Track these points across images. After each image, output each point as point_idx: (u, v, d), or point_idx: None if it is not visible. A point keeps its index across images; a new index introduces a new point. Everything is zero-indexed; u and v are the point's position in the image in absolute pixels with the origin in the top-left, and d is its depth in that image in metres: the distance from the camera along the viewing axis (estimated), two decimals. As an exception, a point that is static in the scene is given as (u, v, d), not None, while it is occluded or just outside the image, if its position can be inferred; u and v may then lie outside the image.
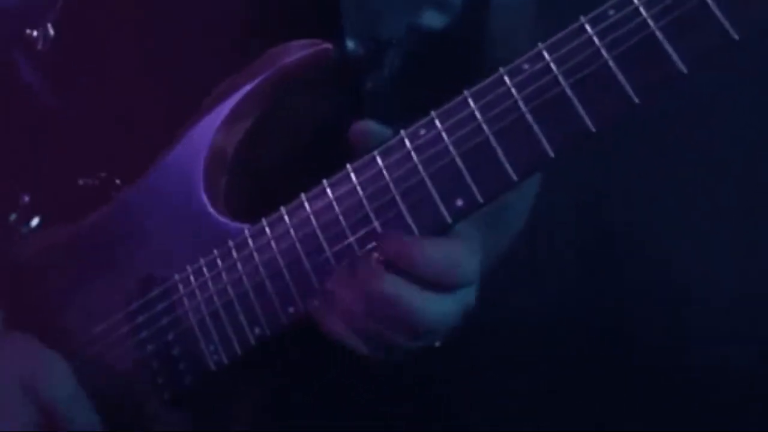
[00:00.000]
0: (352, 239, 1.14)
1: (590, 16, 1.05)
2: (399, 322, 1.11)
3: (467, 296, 1.15)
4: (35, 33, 1.43)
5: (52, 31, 1.42)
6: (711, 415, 2.04)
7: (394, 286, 1.10)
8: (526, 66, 1.07)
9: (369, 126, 1.14)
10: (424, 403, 1.50)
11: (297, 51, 1.22)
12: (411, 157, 1.11)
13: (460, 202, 1.09)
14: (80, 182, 1.38)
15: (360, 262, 1.12)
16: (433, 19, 1.34)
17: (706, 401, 2.06)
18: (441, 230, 1.11)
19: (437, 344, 1.23)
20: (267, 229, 1.18)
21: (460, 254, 1.11)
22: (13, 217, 1.41)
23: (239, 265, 1.20)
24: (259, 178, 1.29)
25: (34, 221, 1.41)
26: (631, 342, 2.12)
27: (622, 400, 2.10)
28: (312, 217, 1.16)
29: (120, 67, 1.37)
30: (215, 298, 1.21)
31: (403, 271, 1.10)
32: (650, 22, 1.02)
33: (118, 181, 1.35)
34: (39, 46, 1.42)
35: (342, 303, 1.12)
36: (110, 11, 1.38)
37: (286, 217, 1.17)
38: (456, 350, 1.30)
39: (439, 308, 1.11)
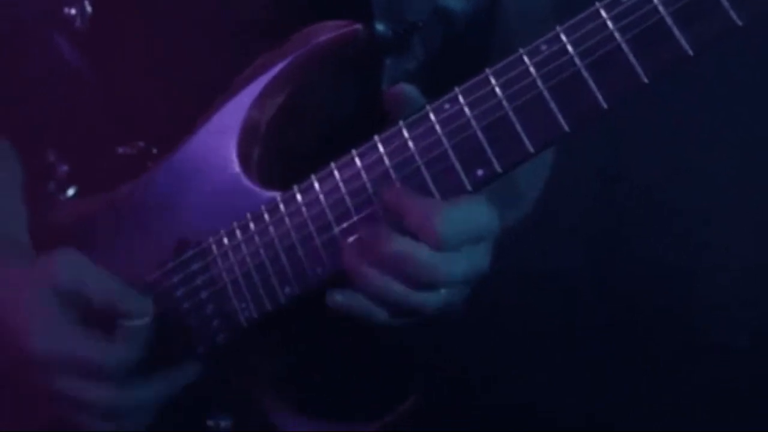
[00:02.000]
0: (378, 205, 1.22)
1: (605, 1, 1.13)
2: (413, 277, 1.18)
3: (477, 258, 1.22)
4: (73, 11, 1.49)
5: (89, 8, 1.49)
6: (718, 407, 2.10)
7: (401, 243, 1.18)
8: (544, 47, 1.16)
9: (404, 90, 1.22)
10: (435, 374, 1.56)
11: (329, 30, 1.30)
12: (435, 129, 1.19)
13: (480, 172, 1.18)
14: (119, 151, 1.44)
15: (365, 233, 1.20)
16: (455, 3, 1.41)
17: (713, 391, 2.11)
18: None
19: (458, 310, 1.30)
20: (298, 196, 1.27)
21: (456, 213, 1.17)
22: (51, 186, 1.48)
23: (271, 229, 1.28)
24: (291, 150, 1.36)
25: (71, 190, 1.48)
26: (637, 324, 2.17)
27: (628, 383, 2.15)
28: (341, 184, 1.24)
29: (156, 39, 1.44)
30: (248, 259, 1.29)
31: (408, 231, 1.17)
32: (661, 8, 1.10)
33: (155, 151, 1.43)
34: (77, 24, 1.49)
35: (360, 272, 1.20)
36: None
37: (316, 184, 1.25)
38: (466, 326, 1.37)
39: (447, 261, 1.18)
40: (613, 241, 2.22)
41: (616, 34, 1.12)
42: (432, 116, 1.20)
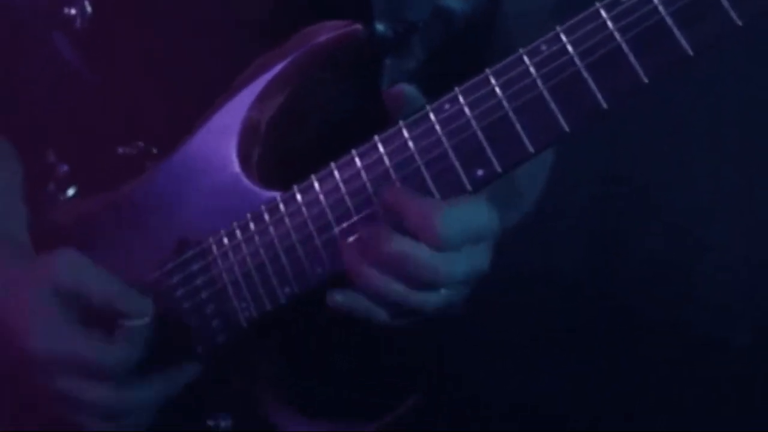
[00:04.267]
0: (378, 205, 1.22)
1: (605, 1, 1.14)
2: (413, 277, 1.18)
3: (477, 257, 1.22)
4: (73, 11, 1.49)
5: (89, 8, 1.49)
6: (719, 406, 2.10)
7: (401, 244, 1.18)
8: (544, 47, 1.16)
9: (405, 89, 1.22)
10: (433, 376, 1.56)
11: (328, 31, 1.30)
12: (435, 129, 1.20)
13: (480, 172, 1.18)
14: (119, 151, 1.45)
15: (365, 233, 1.20)
16: (455, 2, 1.42)
17: (713, 389, 2.11)
18: None
19: (459, 312, 1.31)
20: (298, 195, 1.27)
21: (455, 213, 1.17)
22: (51, 186, 1.48)
23: (271, 229, 1.28)
24: (291, 150, 1.36)
25: (71, 190, 1.48)
26: (636, 323, 2.17)
27: (628, 383, 2.15)
28: (341, 184, 1.24)
29: (157, 39, 1.44)
30: (248, 259, 1.29)
31: (406, 231, 1.18)
32: (660, 9, 1.10)
33: (155, 151, 1.43)
34: (77, 24, 1.49)
35: (360, 272, 1.20)
36: None
37: (316, 184, 1.26)
38: (465, 327, 1.37)
39: (447, 261, 1.18)
40: (613, 239, 2.23)
41: (616, 34, 1.12)
42: (432, 116, 1.20)
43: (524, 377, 2.16)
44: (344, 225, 1.24)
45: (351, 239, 1.22)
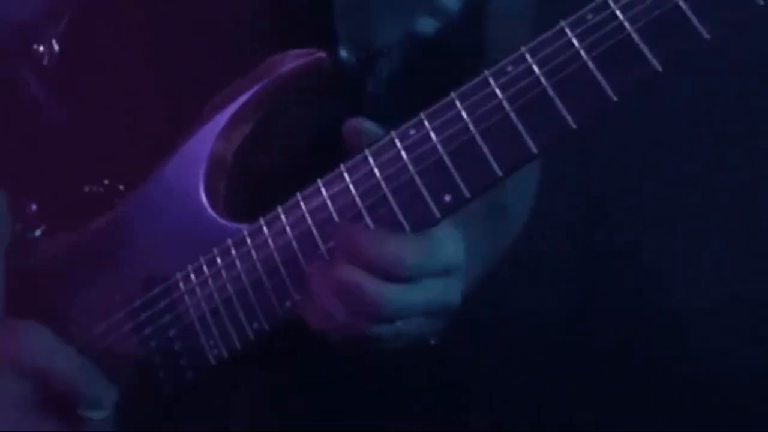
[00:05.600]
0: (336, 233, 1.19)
1: (570, 19, 1.11)
2: (362, 309, 1.15)
3: (440, 291, 1.18)
4: (41, 48, 1.48)
5: (57, 46, 1.47)
6: (711, 416, 2.07)
7: (354, 275, 1.15)
8: (509, 68, 1.13)
9: (362, 124, 1.20)
10: (424, 403, 1.53)
11: (292, 60, 1.28)
12: (401, 156, 1.16)
13: (448, 198, 1.14)
14: (86, 189, 1.42)
15: (333, 257, 1.17)
16: (428, 26, 1.39)
17: (705, 400, 2.08)
18: (431, 225, 1.16)
19: (433, 342, 1.27)
20: (264, 228, 1.24)
21: (407, 248, 1.15)
22: (19, 226, 1.46)
23: (238, 263, 1.25)
24: (258, 181, 1.34)
25: (40, 229, 1.45)
26: (630, 343, 2.15)
27: (623, 400, 2.13)
28: (307, 215, 1.21)
29: (123, 78, 1.42)
30: (215, 294, 1.26)
31: (361, 262, 1.15)
32: (627, 25, 1.07)
33: (121, 187, 1.41)
34: (45, 61, 1.48)
35: (317, 295, 1.17)
36: (113, 26, 1.44)
37: (283, 216, 1.23)
38: (456, 351, 1.34)
39: (401, 297, 1.15)
40: (606, 250, 2.20)
41: (582, 53, 1.09)
42: (397, 142, 1.17)
43: (512, 410, 2.12)
44: (311, 257, 1.20)
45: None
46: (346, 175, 1.19)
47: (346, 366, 1.34)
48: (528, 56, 1.12)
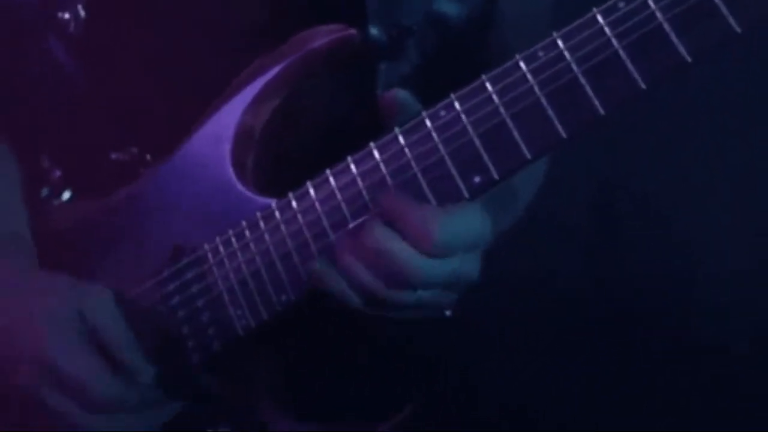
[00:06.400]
0: (374, 210, 1.21)
1: (602, 7, 1.12)
2: (388, 273, 1.18)
3: (464, 265, 1.21)
4: (67, 15, 1.48)
5: (83, 13, 1.48)
6: (716, 407, 2.09)
7: (384, 238, 1.17)
8: (541, 53, 1.15)
9: (399, 95, 1.21)
10: (435, 381, 1.55)
11: (323, 36, 1.29)
12: (432, 136, 1.19)
13: (477, 179, 1.17)
14: (112, 157, 1.44)
15: (359, 225, 1.20)
16: (452, 8, 1.40)
17: (711, 388, 2.10)
18: None
19: (448, 314, 1.30)
20: (293, 203, 1.26)
21: (444, 222, 1.17)
22: (45, 191, 1.47)
23: (267, 236, 1.27)
24: (286, 155, 1.35)
25: (65, 195, 1.47)
26: (636, 329, 2.17)
27: (627, 387, 2.15)
28: (337, 191, 1.23)
29: (151, 45, 1.43)
30: (243, 267, 1.28)
31: (398, 227, 1.17)
32: (658, 14, 1.09)
33: (148, 157, 1.42)
34: (71, 29, 1.48)
35: (344, 260, 1.20)
36: None
37: (312, 191, 1.25)
38: (465, 334, 1.37)
39: (428, 266, 1.18)
40: (611, 245, 2.22)
41: (614, 40, 1.11)
42: (428, 123, 1.19)
43: (522, 385, 2.15)
44: (340, 232, 1.22)
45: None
46: (376, 153, 1.21)
47: (359, 345, 1.36)
48: (560, 42, 1.14)
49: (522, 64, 1.15)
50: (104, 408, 1.28)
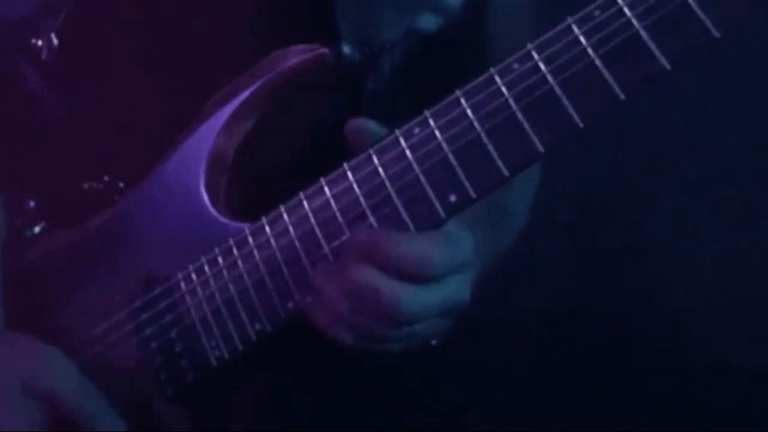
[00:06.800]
0: (349, 236, 1.17)
1: (576, 16, 1.09)
2: (378, 312, 1.13)
3: (455, 290, 1.17)
4: (39, 42, 1.46)
5: (55, 40, 1.45)
6: (711, 415, 2.06)
7: (371, 277, 1.13)
8: (515, 65, 1.11)
9: (365, 123, 1.18)
10: (425, 403, 1.52)
11: (295, 56, 1.26)
12: (405, 154, 1.15)
13: (453, 198, 1.13)
14: (85, 186, 1.41)
15: (343, 257, 1.15)
16: (429, 22, 1.37)
17: (705, 400, 2.07)
18: (435, 225, 1.14)
19: (434, 343, 1.26)
20: (267, 227, 1.22)
21: (432, 247, 1.13)
22: (18, 222, 1.44)
23: (240, 263, 1.23)
24: (260, 179, 1.32)
25: (39, 226, 1.44)
26: (630, 342, 2.14)
27: (622, 400, 2.12)
28: (310, 214, 1.19)
29: (122, 73, 1.40)
30: (217, 295, 1.24)
31: (379, 263, 1.12)
32: (634, 22, 1.05)
33: (121, 185, 1.39)
34: (43, 55, 1.46)
35: (327, 295, 1.15)
36: (112, 19, 1.42)
37: (285, 215, 1.21)
38: (456, 351, 1.33)
39: (417, 299, 1.13)
40: (606, 251, 2.19)
41: (589, 50, 1.07)
42: (402, 141, 1.15)
43: (517, 407, 2.12)
44: (314, 257, 1.19)
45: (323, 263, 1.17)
46: (349, 174, 1.18)
47: (346, 367, 1.32)
48: (534, 53, 1.10)
49: (497, 78, 1.11)
50: None
